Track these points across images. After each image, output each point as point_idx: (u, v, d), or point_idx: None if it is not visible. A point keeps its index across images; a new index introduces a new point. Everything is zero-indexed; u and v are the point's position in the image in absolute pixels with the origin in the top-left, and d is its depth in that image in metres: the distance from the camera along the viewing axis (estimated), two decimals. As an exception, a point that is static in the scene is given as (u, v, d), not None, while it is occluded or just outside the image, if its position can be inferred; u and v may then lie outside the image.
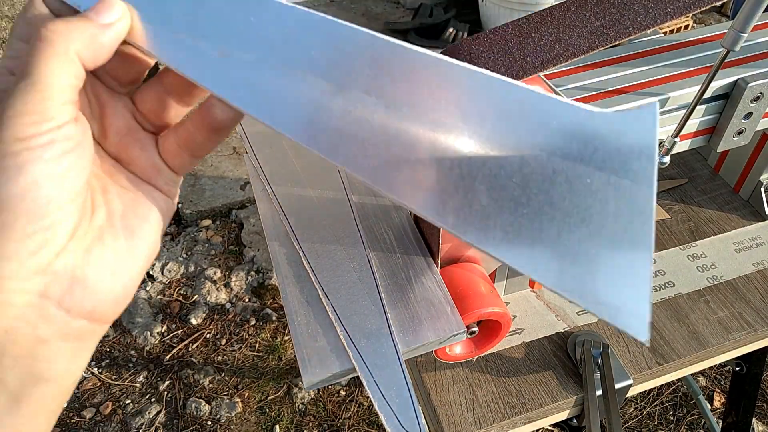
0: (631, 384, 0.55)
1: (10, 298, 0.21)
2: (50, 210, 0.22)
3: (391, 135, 0.23)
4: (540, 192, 0.23)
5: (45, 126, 0.22)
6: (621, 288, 0.22)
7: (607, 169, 0.23)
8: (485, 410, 0.54)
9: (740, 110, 0.52)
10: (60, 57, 0.23)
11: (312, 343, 0.47)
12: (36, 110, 0.22)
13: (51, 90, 0.22)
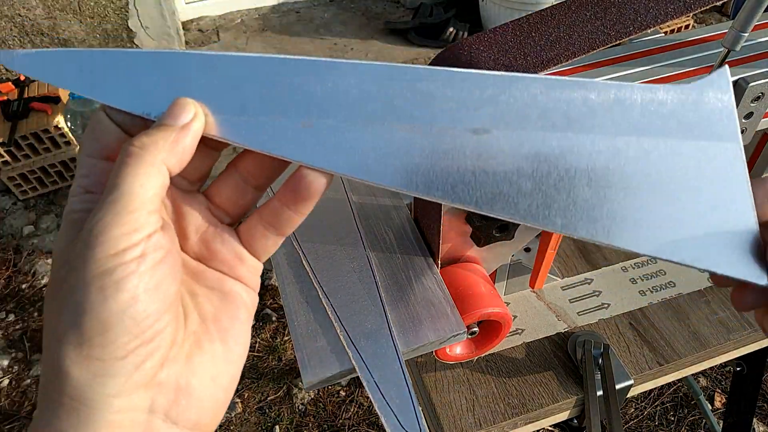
0: (631, 384, 0.55)
1: (118, 419, 0.21)
2: (150, 323, 0.22)
3: (489, 156, 0.24)
4: (637, 173, 0.24)
5: (135, 237, 0.22)
6: (732, 241, 0.24)
7: (693, 137, 0.24)
8: (485, 411, 0.54)
9: (741, 110, 0.52)
10: (148, 169, 0.23)
11: (312, 344, 0.47)
12: (125, 222, 0.22)
13: (138, 201, 0.22)
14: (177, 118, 0.24)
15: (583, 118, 0.24)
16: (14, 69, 0.25)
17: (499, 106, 0.24)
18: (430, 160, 0.24)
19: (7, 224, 1.81)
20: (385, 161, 0.24)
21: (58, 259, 0.23)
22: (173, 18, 2.04)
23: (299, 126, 0.24)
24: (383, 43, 2.16)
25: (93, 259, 0.21)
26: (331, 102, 0.24)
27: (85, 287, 0.21)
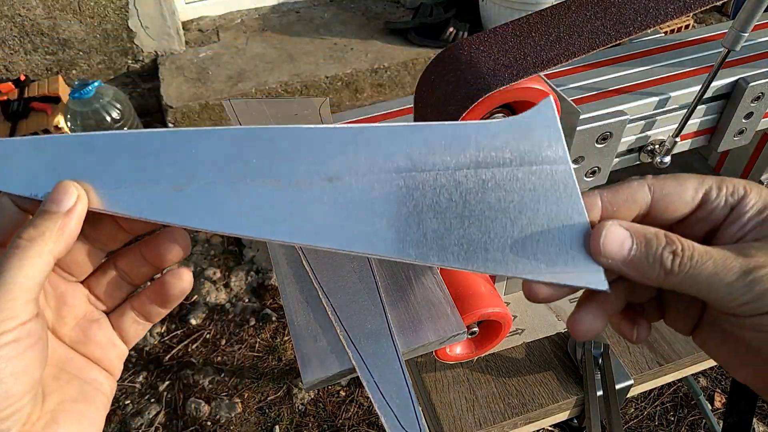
0: (631, 384, 0.55)
1: None
2: (11, 402, 0.23)
3: (328, 202, 0.27)
4: (478, 201, 0.27)
5: (11, 324, 0.23)
6: (571, 253, 0.27)
7: (525, 162, 0.27)
8: (485, 411, 0.54)
9: (741, 110, 0.52)
10: (34, 260, 0.24)
11: (312, 344, 0.47)
12: (3, 308, 0.23)
13: (19, 290, 0.24)
14: (60, 204, 0.25)
15: (425, 157, 0.27)
16: None
17: (348, 155, 0.27)
18: (292, 210, 0.26)
19: (7, 224, 1.81)
20: (252, 215, 0.26)
21: None
22: (173, 18, 2.03)
23: (171, 191, 0.26)
24: (383, 43, 2.16)
25: None
26: (198, 166, 0.26)
27: None
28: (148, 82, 2.13)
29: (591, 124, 0.46)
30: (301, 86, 2.01)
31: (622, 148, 0.52)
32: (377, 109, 0.66)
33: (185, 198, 0.26)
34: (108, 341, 0.30)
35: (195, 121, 1.98)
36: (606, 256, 0.26)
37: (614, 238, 0.26)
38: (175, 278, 0.29)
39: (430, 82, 0.38)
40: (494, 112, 0.37)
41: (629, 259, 0.26)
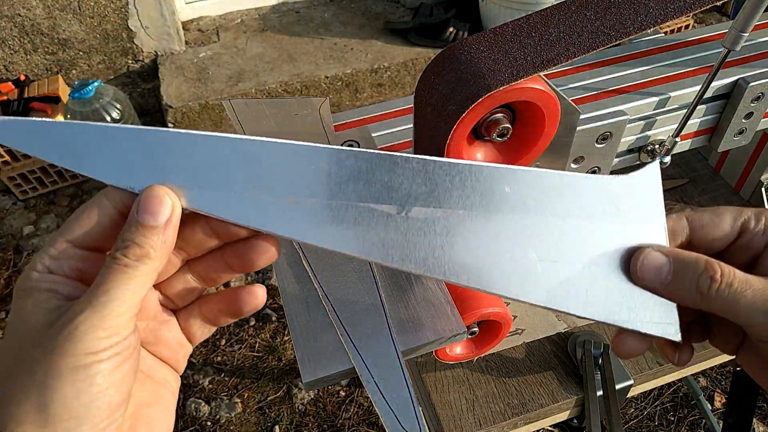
0: (631, 384, 0.55)
1: None
2: (110, 412, 0.24)
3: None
4: (583, 250, 0.28)
5: (114, 340, 0.24)
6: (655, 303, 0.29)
7: (623, 221, 0.28)
8: (485, 411, 0.54)
9: (741, 110, 0.52)
10: (143, 280, 0.25)
11: (312, 344, 0.47)
12: (108, 326, 0.24)
13: (124, 308, 0.24)
14: (158, 216, 0.25)
15: (539, 202, 0.28)
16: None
17: (465, 190, 0.27)
18: (404, 238, 0.27)
19: (7, 224, 1.81)
20: (349, 235, 0.27)
21: (20, 334, 0.24)
22: (173, 18, 2.03)
23: (285, 203, 0.26)
24: (383, 43, 2.16)
25: (72, 353, 0.23)
26: (317, 183, 0.26)
27: (59, 377, 0.23)
28: (148, 82, 2.13)
29: (591, 124, 0.46)
30: (301, 86, 2.00)
31: (622, 148, 0.52)
32: (377, 109, 0.66)
33: (301, 211, 0.26)
34: (176, 341, 0.30)
35: (195, 121, 1.98)
36: (644, 280, 0.28)
37: (652, 262, 0.28)
38: (251, 296, 0.29)
39: (430, 82, 0.38)
40: (494, 112, 0.37)
41: (667, 283, 0.28)
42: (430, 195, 0.27)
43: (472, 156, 0.40)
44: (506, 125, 0.37)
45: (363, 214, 0.27)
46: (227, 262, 0.29)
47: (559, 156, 0.43)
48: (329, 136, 0.62)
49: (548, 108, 0.37)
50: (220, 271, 0.29)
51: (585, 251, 0.28)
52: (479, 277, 0.27)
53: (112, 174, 0.26)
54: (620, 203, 0.28)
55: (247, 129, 0.64)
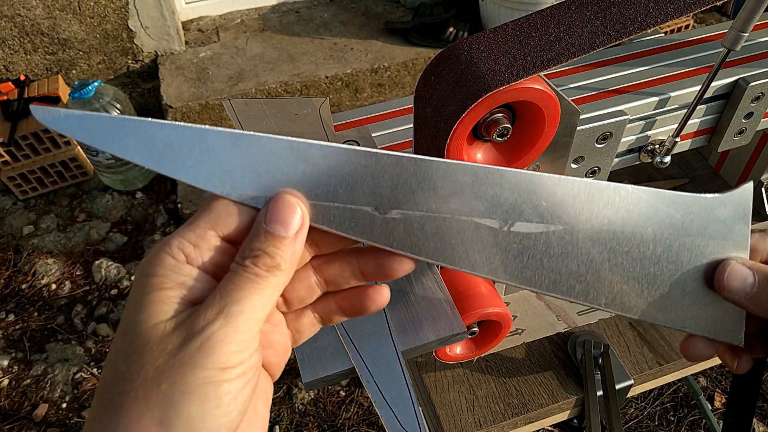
0: (631, 384, 0.55)
1: None
2: (233, 427, 0.22)
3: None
4: (670, 264, 0.29)
5: (243, 356, 0.22)
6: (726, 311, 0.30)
7: (712, 237, 0.29)
8: (485, 411, 0.54)
9: (741, 110, 0.52)
10: (273, 292, 0.24)
11: (312, 344, 0.47)
12: (240, 340, 0.22)
13: (255, 320, 0.23)
14: (289, 227, 0.24)
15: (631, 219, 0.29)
16: (58, 130, 0.22)
17: (565, 207, 0.27)
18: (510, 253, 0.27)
19: (7, 224, 1.81)
20: (467, 250, 0.27)
21: (142, 333, 0.22)
22: (173, 18, 2.03)
23: (401, 221, 0.26)
24: (383, 43, 2.16)
25: (202, 366, 0.21)
26: (420, 196, 0.26)
27: (187, 393, 0.21)
28: (148, 82, 2.13)
29: (591, 124, 0.46)
30: (301, 86, 2.00)
31: (622, 148, 0.52)
32: (377, 109, 0.66)
33: (405, 223, 0.26)
34: (284, 346, 0.27)
35: (195, 121, 1.98)
36: (730, 290, 0.29)
37: (737, 274, 0.29)
38: (378, 294, 0.28)
39: (430, 82, 0.38)
40: (494, 112, 0.37)
41: (751, 295, 0.29)
42: (541, 212, 0.27)
43: (471, 156, 0.40)
44: (506, 125, 0.37)
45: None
46: (361, 268, 0.27)
47: (559, 156, 0.43)
48: (329, 136, 0.62)
49: (548, 108, 0.37)
50: (349, 277, 0.27)
51: (673, 263, 0.29)
52: (587, 293, 0.28)
53: (208, 179, 0.24)
54: (710, 220, 0.29)
55: (246, 129, 0.64)
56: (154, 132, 0.23)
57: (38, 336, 1.55)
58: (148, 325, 0.22)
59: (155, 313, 0.22)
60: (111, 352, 0.23)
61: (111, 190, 1.88)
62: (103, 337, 1.53)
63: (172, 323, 0.22)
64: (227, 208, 0.24)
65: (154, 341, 0.22)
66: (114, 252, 1.73)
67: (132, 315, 0.23)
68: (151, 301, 0.23)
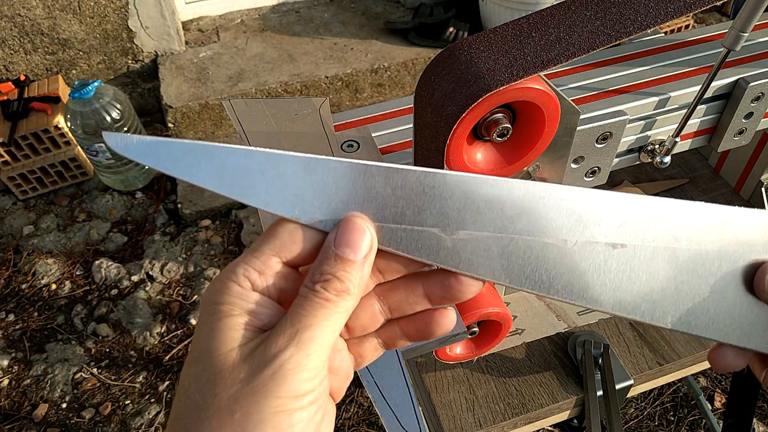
0: (631, 384, 0.55)
1: None
2: None
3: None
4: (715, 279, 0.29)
5: (314, 383, 0.22)
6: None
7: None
8: (485, 411, 0.54)
9: (741, 110, 0.52)
10: (342, 317, 0.24)
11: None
12: (312, 366, 0.22)
13: (325, 346, 0.23)
14: (358, 251, 0.24)
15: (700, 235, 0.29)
16: (130, 157, 0.23)
17: (631, 225, 0.27)
18: (574, 271, 0.27)
19: (7, 224, 1.81)
20: (537, 272, 0.27)
21: (213, 361, 0.23)
22: (173, 18, 2.03)
23: (446, 237, 0.26)
24: (383, 43, 2.16)
25: (276, 395, 0.21)
26: (487, 216, 0.26)
27: (261, 422, 0.21)
28: (148, 82, 2.13)
29: (591, 124, 0.46)
30: (301, 86, 2.01)
31: (622, 147, 0.52)
32: (377, 109, 0.66)
33: (468, 245, 0.26)
34: (346, 371, 0.27)
35: (195, 121, 1.98)
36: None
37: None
38: (445, 318, 0.27)
39: (430, 82, 0.38)
40: (494, 112, 0.37)
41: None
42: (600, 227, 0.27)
43: (472, 156, 0.40)
44: (506, 125, 0.37)
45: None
46: (426, 292, 0.27)
47: (559, 156, 0.43)
48: (329, 136, 0.62)
49: (548, 108, 0.37)
50: (415, 303, 0.27)
51: (713, 275, 0.29)
52: (653, 313, 0.28)
53: (279, 203, 0.24)
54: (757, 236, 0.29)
55: (246, 129, 0.64)
56: (226, 157, 0.23)
57: (38, 336, 1.55)
58: (220, 353, 0.23)
59: (226, 341, 0.23)
60: (183, 379, 0.23)
61: (111, 190, 1.89)
62: (103, 337, 1.53)
63: (244, 350, 0.23)
64: (291, 234, 0.24)
65: (226, 369, 0.22)
66: (114, 252, 1.73)
67: (203, 342, 0.23)
68: (222, 329, 0.23)
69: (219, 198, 1.82)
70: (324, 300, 0.23)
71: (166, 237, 1.76)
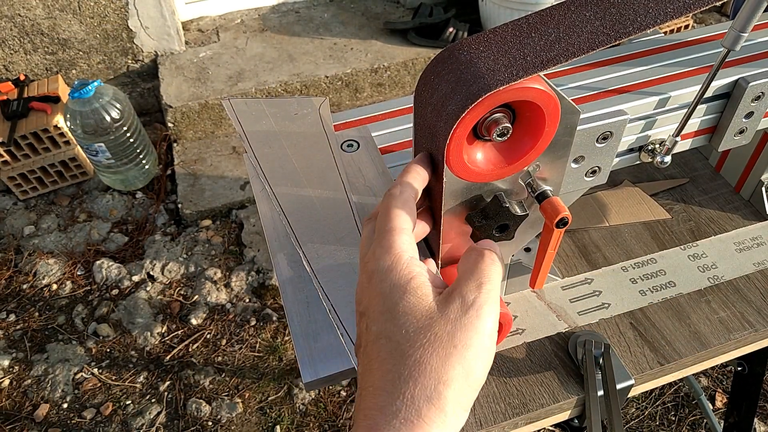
0: (632, 384, 0.55)
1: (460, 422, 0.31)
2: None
3: None
4: None
5: (497, 318, 0.33)
6: None
7: None
8: (486, 410, 0.54)
9: (741, 110, 0.52)
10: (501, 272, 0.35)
11: (312, 344, 0.47)
12: (497, 311, 0.33)
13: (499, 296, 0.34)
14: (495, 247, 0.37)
15: None
16: None
17: None
18: None
19: (8, 224, 1.81)
20: None
21: (426, 310, 0.31)
22: (173, 18, 2.03)
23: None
24: (383, 43, 2.16)
25: (480, 329, 0.31)
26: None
27: (473, 347, 0.30)
28: (147, 82, 2.13)
29: (591, 123, 0.46)
30: (301, 86, 2.01)
31: (622, 147, 0.52)
32: (377, 109, 0.66)
33: None
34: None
35: (194, 121, 1.98)
36: None
37: None
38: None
39: (430, 82, 0.38)
40: (494, 112, 0.37)
41: None
42: None
43: (471, 156, 0.40)
44: (506, 125, 0.37)
45: None
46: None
47: (559, 156, 0.43)
48: (329, 136, 0.62)
49: (548, 108, 0.37)
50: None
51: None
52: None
53: None
54: None
55: (246, 129, 0.64)
56: None
57: (39, 336, 1.55)
58: (424, 305, 0.31)
59: (424, 296, 0.31)
60: (374, 343, 0.31)
61: (111, 190, 1.89)
62: (103, 338, 1.53)
63: (438, 302, 0.31)
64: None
65: (437, 314, 0.31)
66: (115, 252, 1.73)
67: (397, 303, 0.31)
68: (414, 289, 0.31)
69: (219, 198, 1.83)
70: (498, 261, 0.33)
71: (167, 237, 1.76)
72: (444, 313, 0.30)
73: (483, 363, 0.30)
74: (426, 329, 0.30)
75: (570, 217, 0.40)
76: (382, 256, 0.33)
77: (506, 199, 0.41)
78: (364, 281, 0.34)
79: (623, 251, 0.66)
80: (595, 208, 0.71)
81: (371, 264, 0.33)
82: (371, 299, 0.32)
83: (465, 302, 0.31)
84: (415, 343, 0.30)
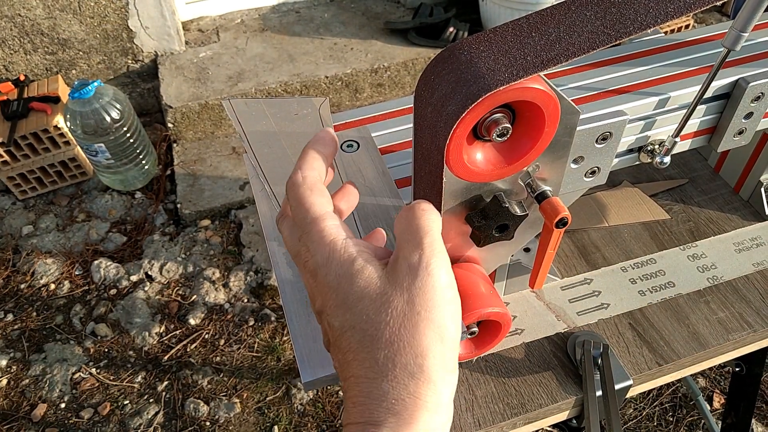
0: (630, 385, 0.55)
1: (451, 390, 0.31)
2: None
3: None
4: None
5: (450, 268, 0.32)
6: None
7: None
8: (485, 411, 0.54)
9: (741, 110, 0.52)
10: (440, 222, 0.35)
11: (311, 344, 0.47)
12: (448, 264, 0.32)
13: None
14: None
15: None
16: None
17: None
18: None
19: (7, 224, 1.80)
20: None
21: (378, 287, 0.30)
22: (173, 18, 2.03)
23: None
24: (383, 43, 2.16)
25: (438, 286, 0.30)
26: None
27: (438, 306, 0.30)
28: (147, 82, 2.13)
29: (591, 124, 0.46)
30: (301, 86, 2.01)
31: (622, 148, 0.52)
32: (377, 109, 0.66)
33: None
34: None
35: (194, 121, 1.98)
36: None
37: None
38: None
39: (430, 82, 0.38)
40: (494, 112, 0.37)
41: None
42: None
43: (472, 156, 0.40)
44: (506, 125, 0.37)
45: None
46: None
47: (559, 156, 0.43)
48: (329, 136, 0.62)
49: (548, 108, 0.37)
50: None
51: None
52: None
53: None
54: None
55: (246, 129, 0.64)
56: None
57: (37, 336, 1.55)
58: (373, 284, 0.30)
59: (371, 275, 0.31)
60: (342, 334, 0.31)
61: (110, 190, 1.88)
62: (101, 337, 1.53)
63: (385, 276, 0.31)
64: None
65: (389, 287, 0.30)
66: (113, 252, 1.73)
67: (347, 288, 0.31)
68: (360, 271, 0.31)
69: (218, 198, 1.82)
70: (429, 208, 0.33)
71: (166, 237, 1.75)
72: (396, 284, 0.30)
73: (452, 318, 0.30)
74: (385, 306, 0.30)
75: (569, 217, 0.40)
76: (317, 250, 0.32)
77: (506, 199, 0.41)
78: (309, 280, 0.33)
79: (622, 251, 0.66)
80: (594, 209, 0.71)
81: (310, 261, 0.32)
82: (324, 296, 0.32)
83: (411, 265, 0.30)
84: (379, 324, 0.29)
